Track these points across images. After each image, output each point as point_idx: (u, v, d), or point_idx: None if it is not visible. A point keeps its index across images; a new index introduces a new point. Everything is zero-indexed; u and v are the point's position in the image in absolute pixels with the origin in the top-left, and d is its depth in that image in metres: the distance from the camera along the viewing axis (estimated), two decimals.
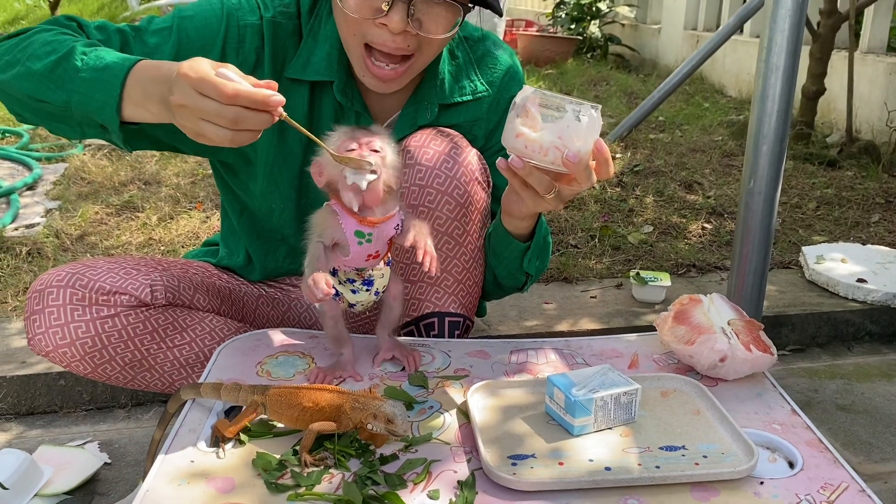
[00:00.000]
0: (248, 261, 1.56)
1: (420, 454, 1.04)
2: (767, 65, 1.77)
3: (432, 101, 1.41)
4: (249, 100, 1.01)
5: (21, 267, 2.41)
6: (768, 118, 1.79)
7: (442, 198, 1.35)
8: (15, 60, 1.18)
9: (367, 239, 1.13)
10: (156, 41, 1.30)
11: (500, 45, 1.50)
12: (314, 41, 1.36)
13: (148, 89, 1.09)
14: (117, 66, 1.12)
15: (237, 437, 1.07)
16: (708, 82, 5.96)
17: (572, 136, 1.07)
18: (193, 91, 1.01)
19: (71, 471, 1.56)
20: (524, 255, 1.39)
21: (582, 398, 1.07)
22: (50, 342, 1.28)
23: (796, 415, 1.16)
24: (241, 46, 1.33)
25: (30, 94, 1.17)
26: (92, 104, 1.13)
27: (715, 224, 2.94)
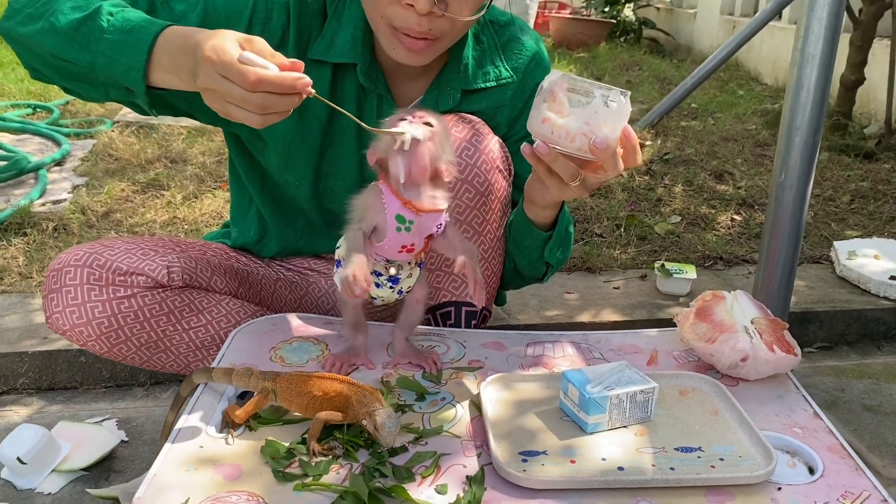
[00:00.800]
0: (262, 234, 1.54)
1: (430, 447, 1.03)
2: (803, 53, 1.71)
3: (455, 86, 1.39)
4: (275, 86, 0.99)
5: (47, 243, 2.43)
6: (802, 109, 1.74)
7: (462, 186, 1.33)
8: (38, 14, 1.15)
9: (406, 227, 1.09)
10: (182, 8, 1.28)
11: (527, 30, 1.47)
12: (339, 22, 1.34)
13: (177, 59, 1.07)
14: (145, 30, 1.10)
15: (247, 424, 1.06)
16: (743, 69, 5.84)
17: (600, 122, 1.04)
18: (218, 75, 0.99)
19: (88, 447, 1.57)
20: (545, 244, 1.37)
21: (597, 395, 1.05)
22: (67, 321, 1.28)
23: (818, 418, 1.13)
24: (268, 23, 1.31)
25: (52, 52, 1.15)
26: (117, 67, 1.11)
27: (744, 216, 2.88)
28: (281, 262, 1.62)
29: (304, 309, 1.63)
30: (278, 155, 1.41)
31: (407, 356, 1.25)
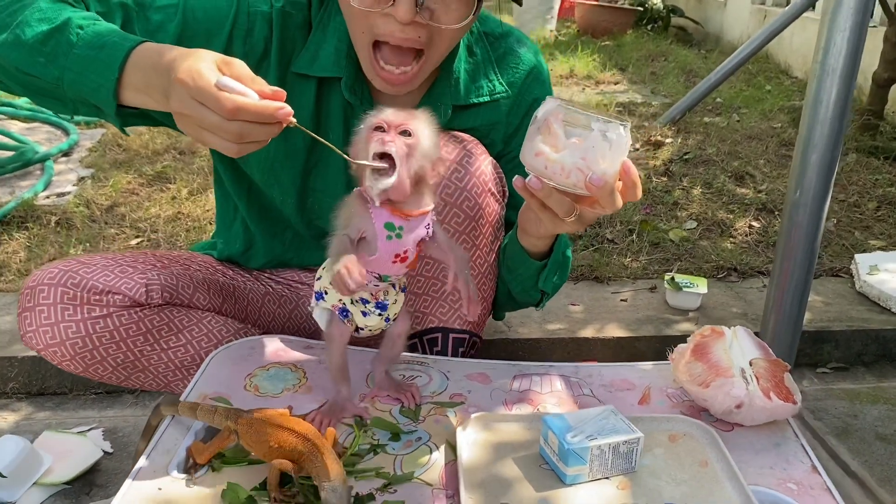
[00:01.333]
0: (248, 246, 1.50)
1: (398, 495, 0.98)
2: (823, 67, 1.62)
3: (446, 101, 1.32)
4: (254, 115, 0.92)
5: (48, 238, 2.41)
6: (820, 126, 1.65)
7: (451, 210, 1.27)
8: (3, 24, 1.09)
9: (396, 234, 1.02)
10: (159, 18, 1.22)
11: (524, 42, 1.39)
12: (323, 34, 1.28)
13: (150, 78, 1.01)
14: (116, 46, 1.03)
15: (210, 463, 1.02)
16: (773, 61, 5.67)
17: (597, 157, 0.97)
18: (192, 100, 0.93)
19: (71, 460, 1.55)
20: (540, 272, 1.30)
21: (576, 446, 0.99)
22: (40, 341, 1.25)
23: (816, 473, 1.06)
24: (250, 35, 1.25)
25: (17, 66, 1.09)
26: (86, 85, 1.05)
27: (763, 222, 2.79)
28: (270, 274, 1.58)
29: (292, 324, 1.58)
30: (262, 171, 1.36)
31: (386, 388, 1.20)
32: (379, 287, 1.07)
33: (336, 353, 1.12)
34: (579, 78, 4.99)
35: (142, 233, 2.50)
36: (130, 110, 1.10)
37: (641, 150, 3.50)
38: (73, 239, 2.41)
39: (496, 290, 1.43)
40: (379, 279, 1.07)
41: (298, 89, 1.30)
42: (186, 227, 2.53)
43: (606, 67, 5.22)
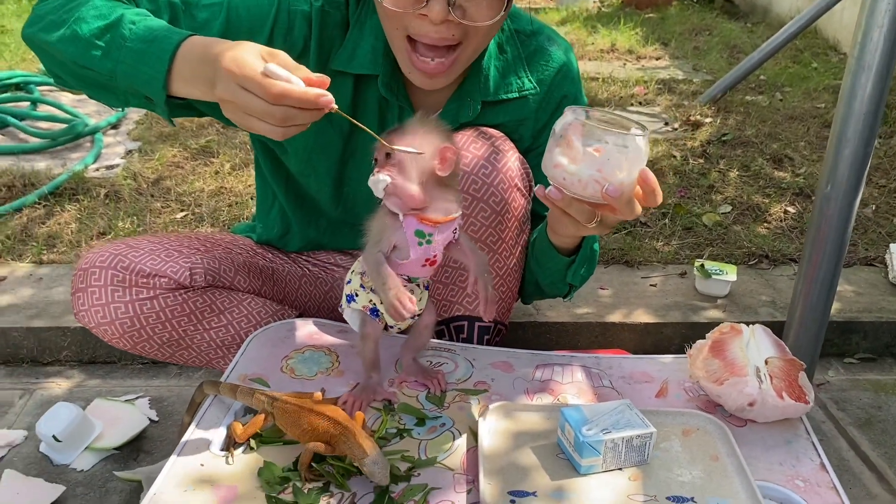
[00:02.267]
0: (285, 231, 1.57)
1: (422, 479, 1.05)
2: (859, 63, 1.61)
3: (475, 97, 1.36)
4: (298, 101, 0.97)
5: (97, 210, 2.52)
6: (855, 121, 1.64)
7: (477, 204, 1.32)
8: (61, 21, 1.16)
9: (427, 240, 1.08)
10: (205, 16, 1.27)
11: (555, 39, 1.42)
12: (360, 32, 1.32)
13: (197, 69, 1.06)
14: (166, 39, 1.09)
15: (248, 442, 1.10)
16: (821, 37, 5.52)
17: (613, 169, 1.00)
18: (238, 87, 0.98)
19: (120, 427, 1.65)
20: (568, 267, 1.35)
21: (591, 439, 1.04)
22: (92, 319, 1.34)
23: (825, 471, 1.10)
24: (290, 33, 1.30)
25: (74, 60, 1.15)
26: (138, 77, 1.11)
27: (799, 208, 2.77)
28: (307, 257, 1.65)
29: (327, 305, 1.66)
30: (299, 162, 1.42)
31: (413, 374, 1.26)
32: (408, 287, 1.13)
33: (369, 350, 1.19)
34: (620, 52, 4.94)
35: (186, 206, 2.59)
36: (178, 101, 1.16)
37: (679, 131, 3.48)
38: (122, 212, 2.51)
39: (524, 281, 1.48)
40: (409, 281, 1.13)
41: (336, 85, 1.34)
42: (229, 203, 2.61)
43: (648, 42, 5.15)
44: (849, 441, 1.79)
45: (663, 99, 3.95)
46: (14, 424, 1.70)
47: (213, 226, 2.47)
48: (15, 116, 3.18)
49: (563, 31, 5.45)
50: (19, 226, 2.42)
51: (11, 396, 1.80)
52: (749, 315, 2.09)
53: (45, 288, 2.09)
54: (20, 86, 3.55)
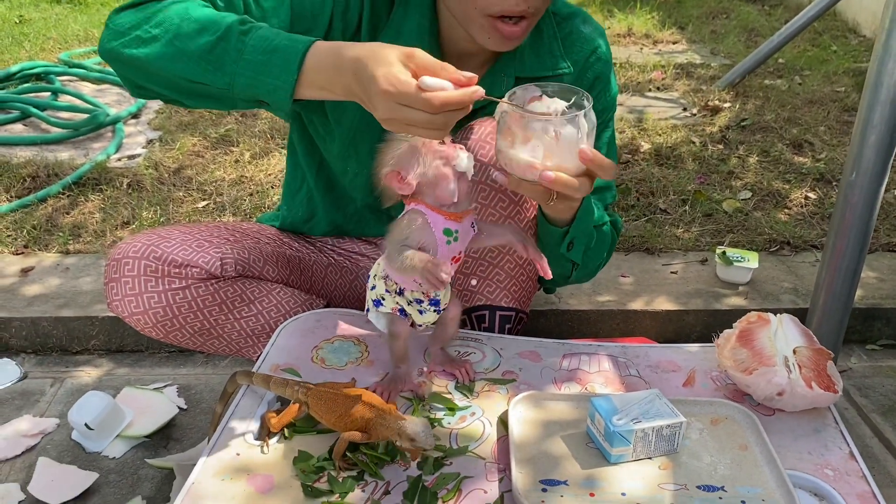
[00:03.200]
0: (311, 215, 1.58)
1: (454, 467, 1.07)
2: (886, 49, 1.61)
3: (509, 72, 1.37)
4: (458, 104, 0.99)
5: (120, 199, 2.54)
6: (881, 107, 1.64)
7: (496, 195, 1.32)
8: (150, 37, 1.15)
9: (454, 237, 1.10)
10: (272, 5, 1.27)
11: (590, 22, 1.43)
12: (405, 10, 1.32)
13: (333, 77, 1.07)
14: (289, 49, 1.09)
15: (282, 432, 1.12)
16: (840, 18, 5.46)
17: (545, 155, 1.03)
18: (398, 105, 0.99)
19: (150, 415, 1.68)
20: (562, 240, 1.34)
21: (621, 429, 1.05)
22: (125, 309, 1.36)
23: (853, 460, 1.11)
24: (347, 12, 1.30)
25: (180, 75, 1.14)
26: (262, 87, 1.10)
27: (820, 193, 2.76)
28: (332, 245, 1.66)
29: (352, 293, 1.67)
30: (343, 143, 1.42)
31: (441, 363, 1.27)
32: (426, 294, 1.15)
33: (399, 347, 1.21)
34: (637, 37, 4.90)
35: (208, 196, 2.61)
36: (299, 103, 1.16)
37: (698, 116, 3.46)
38: (144, 202, 2.53)
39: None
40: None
41: None
42: (250, 192, 2.63)
43: (665, 25, 5.11)
44: (872, 428, 1.79)
45: (681, 84, 3.93)
46: (46, 412, 1.73)
47: (234, 215, 2.49)
48: (36, 107, 3.21)
49: None
50: (44, 216, 2.45)
51: (42, 385, 1.83)
52: (771, 302, 2.09)
53: (73, 278, 2.11)
54: (41, 76, 3.58)
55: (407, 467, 1.06)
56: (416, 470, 1.06)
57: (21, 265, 2.17)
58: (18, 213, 2.45)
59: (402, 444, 1.02)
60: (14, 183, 2.63)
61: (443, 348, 1.28)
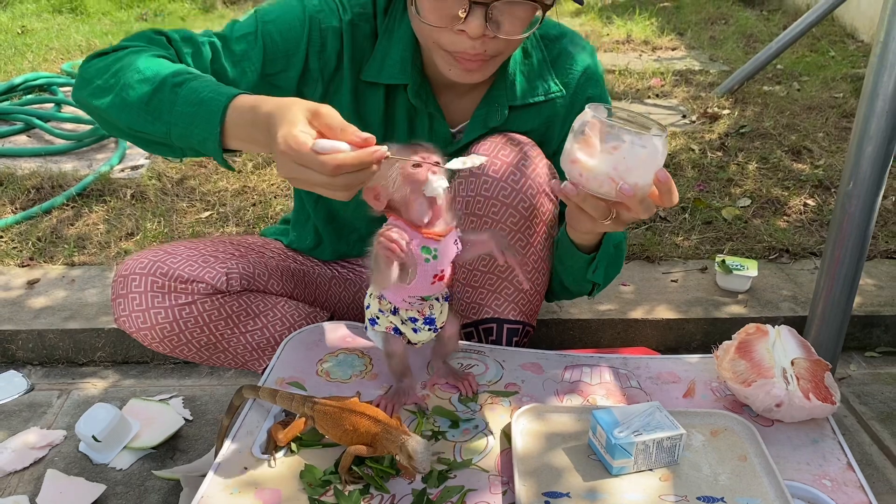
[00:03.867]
0: (318, 243, 1.60)
1: (458, 480, 1.08)
2: (881, 61, 1.63)
3: (503, 102, 1.39)
4: (354, 167, 0.99)
5: (124, 211, 2.56)
6: (877, 119, 1.66)
7: (507, 210, 1.34)
8: (108, 87, 1.19)
9: (433, 255, 1.10)
10: (242, 48, 1.30)
11: (579, 42, 1.44)
12: (389, 41, 1.35)
13: (251, 133, 1.09)
14: (213, 102, 1.11)
15: (288, 446, 1.14)
16: (838, 24, 5.49)
17: (629, 168, 1.02)
18: (298, 165, 1.00)
19: (156, 426, 1.70)
20: (589, 265, 1.37)
21: (623, 441, 1.07)
22: (133, 325, 1.37)
23: (851, 470, 1.13)
24: (323, 50, 1.33)
25: (128, 125, 1.19)
26: (192, 137, 1.13)
27: (818, 200, 2.78)
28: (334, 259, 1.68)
29: (356, 305, 1.69)
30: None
31: (444, 376, 1.29)
32: (424, 304, 1.16)
33: (396, 363, 1.22)
34: (636, 43, 4.93)
35: (211, 206, 2.63)
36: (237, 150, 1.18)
37: (697, 123, 3.49)
38: (148, 213, 2.55)
39: (551, 281, 1.51)
40: (422, 300, 1.16)
41: (369, 95, 1.38)
42: (253, 202, 2.65)
43: (664, 32, 5.14)
44: (871, 435, 1.81)
45: (680, 91, 3.95)
46: (53, 424, 1.75)
47: (237, 225, 2.51)
48: (40, 118, 3.23)
49: (578, 22, 5.45)
50: (49, 227, 2.47)
51: (49, 397, 1.85)
52: (770, 310, 2.11)
53: (78, 290, 2.13)
54: (44, 87, 3.60)
55: (412, 480, 1.08)
56: (420, 483, 1.07)
57: (27, 277, 2.20)
58: (23, 225, 2.48)
59: (401, 459, 1.04)
60: (19, 195, 2.65)
61: (444, 361, 1.30)
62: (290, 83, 1.33)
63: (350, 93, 1.36)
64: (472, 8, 1.16)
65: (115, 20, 5.45)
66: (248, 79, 1.30)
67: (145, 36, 1.29)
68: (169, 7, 6.01)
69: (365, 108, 1.39)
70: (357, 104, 1.39)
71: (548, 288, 1.53)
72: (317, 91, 1.36)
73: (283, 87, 1.33)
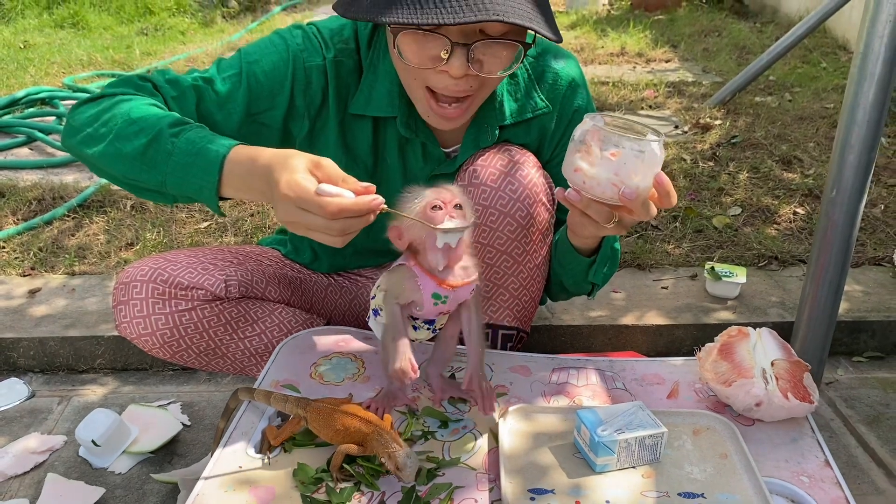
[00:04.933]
0: (315, 258, 1.64)
1: (447, 478, 1.12)
2: (861, 72, 1.67)
3: (492, 123, 1.42)
4: (353, 212, 1.03)
5: (125, 221, 2.60)
6: (858, 128, 1.70)
7: (504, 219, 1.38)
8: (99, 136, 1.23)
9: (443, 301, 1.15)
10: (227, 89, 1.34)
11: (561, 55, 1.48)
12: (374, 75, 1.38)
13: (249, 182, 1.13)
14: (211, 151, 1.15)
15: (282, 446, 1.17)
16: (830, 36, 5.55)
17: (630, 172, 1.07)
18: (298, 209, 1.04)
19: (155, 431, 1.73)
20: (590, 267, 1.41)
21: (606, 439, 1.11)
22: (134, 331, 1.41)
23: (829, 467, 1.16)
24: (308, 88, 1.37)
25: (122, 174, 1.23)
26: (189, 187, 1.17)
27: (808, 209, 2.82)
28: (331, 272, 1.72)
29: (352, 312, 1.73)
30: None
31: (448, 392, 1.30)
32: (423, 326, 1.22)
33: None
34: (630, 56, 4.99)
35: (210, 217, 2.67)
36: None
37: (689, 134, 3.54)
38: (148, 223, 2.59)
39: (550, 282, 1.54)
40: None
41: (357, 128, 1.42)
42: (251, 212, 2.69)
43: (658, 44, 5.20)
44: (857, 438, 1.84)
45: (673, 102, 4.01)
46: (54, 430, 1.78)
47: (236, 235, 2.55)
48: (42, 131, 3.28)
49: (573, 34, 5.51)
50: (50, 238, 2.51)
51: (50, 403, 1.89)
52: (758, 316, 2.15)
53: (79, 298, 2.17)
54: (46, 101, 3.65)
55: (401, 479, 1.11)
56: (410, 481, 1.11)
57: (28, 287, 2.24)
58: (25, 236, 2.52)
59: (388, 465, 1.07)
60: (20, 206, 2.70)
61: (442, 374, 1.30)
62: (276, 121, 1.37)
63: (337, 126, 1.40)
64: (454, 48, 1.19)
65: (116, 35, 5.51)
66: (234, 120, 1.34)
67: (132, 83, 1.33)
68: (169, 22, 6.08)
69: (353, 141, 1.42)
70: (344, 137, 1.42)
71: (546, 289, 1.57)
72: (303, 127, 1.40)
73: (269, 124, 1.37)
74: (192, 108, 1.31)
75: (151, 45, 5.23)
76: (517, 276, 1.44)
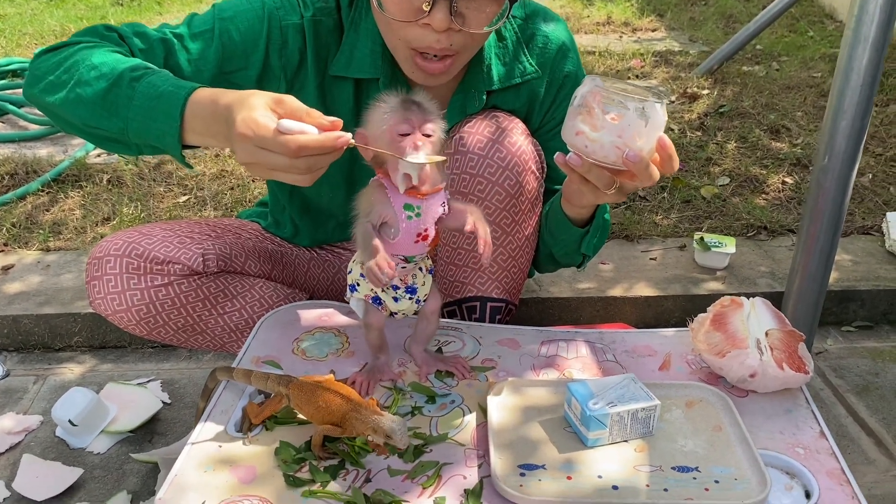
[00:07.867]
0: (296, 232, 1.59)
1: (434, 455, 1.08)
2: (856, 35, 1.63)
3: (479, 88, 1.37)
4: (317, 150, 0.98)
5: (101, 196, 2.54)
6: (851, 92, 1.67)
7: (492, 188, 1.34)
8: (60, 82, 1.17)
9: (416, 213, 1.09)
10: (199, 47, 1.28)
11: (551, 18, 1.43)
12: (356, 35, 1.33)
13: (210, 125, 1.07)
14: (173, 95, 1.09)
15: (263, 423, 1.13)
16: (817, 4, 5.50)
17: (633, 135, 1.03)
18: (257, 149, 0.98)
19: (134, 410, 1.69)
20: (583, 238, 1.37)
21: (597, 413, 1.07)
22: (108, 307, 1.36)
23: (824, 438, 1.14)
24: (285, 48, 1.31)
25: (83, 121, 1.17)
26: (151, 132, 1.11)
27: (796, 178, 2.79)
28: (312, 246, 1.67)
29: (335, 287, 1.68)
30: None
31: (433, 365, 1.27)
32: (406, 269, 1.15)
33: (374, 337, 1.22)
34: (616, 25, 4.92)
35: (188, 191, 2.60)
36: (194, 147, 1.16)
37: (677, 104, 3.49)
38: (125, 198, 2.52)
39: (539, 252, 1.50)
40: (405, 261, 1.14)
41: (337, 90, 1.36)
42: (231, 186, 2.63)
43: (644, 13, 5.13)
44: (847, 407, 1.83)
45: (660, 72, 3.95)
46: (29, 410, 1.73)
47: (216, 209, 2.49)
48: (13, 104, 3.18)
49: (559, 3, 5.43)
50: (24, 214, 2.44)
51: (25, 382, 1.84)
52: (748, 286, 2.12)
53: (54, 275, 2.11)
54: (17, 72, 3.55)
55: (387, 456, 1.08)
56: (396, 458, 1.07)
57: (1, 263, 2.17)
58: None
59: (376, 440, 1.03)
60: None
61: (426, 349, 1.28)
62: (250, 81, 1.31)
63: (316, 88, 1.34)
64: (437, 1, 1.14)
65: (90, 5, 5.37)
66: (204, 78, 1.28)
67: (97, 32, 1.27)
68: None
69: (333, 103, 1.37)
70: (324, 99, 1.37)
71: (533, 261, 1.53)
72: (280, 88, 1.34)
73: (242, 84, 1.30)
74: (160, 63, 1.25)
75: (127, 15, 5.10)
76: (506, 246, 1.40)
